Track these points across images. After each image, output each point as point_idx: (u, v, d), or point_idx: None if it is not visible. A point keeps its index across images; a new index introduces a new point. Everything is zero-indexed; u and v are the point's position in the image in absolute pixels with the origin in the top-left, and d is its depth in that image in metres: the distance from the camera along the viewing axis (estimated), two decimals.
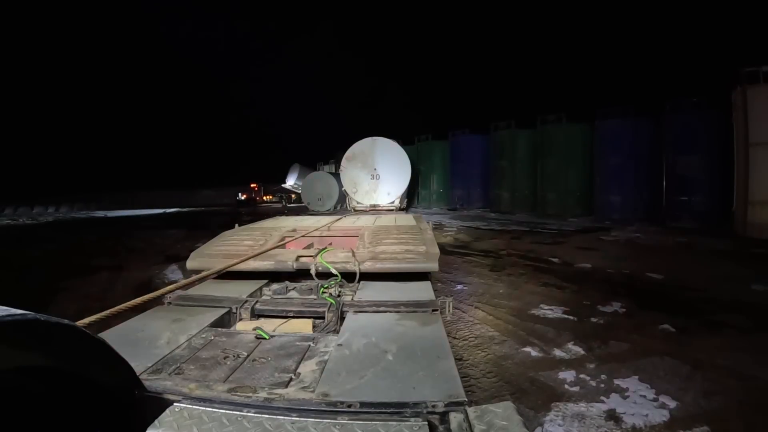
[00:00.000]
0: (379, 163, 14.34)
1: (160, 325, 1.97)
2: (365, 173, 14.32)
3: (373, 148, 14.46)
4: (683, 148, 13.93)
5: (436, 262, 2.70)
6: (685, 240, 10.61)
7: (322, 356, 1.67)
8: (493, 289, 5.98)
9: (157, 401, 1.22)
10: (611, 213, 15.38)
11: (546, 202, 17.40)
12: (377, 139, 14.61)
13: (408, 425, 1.10)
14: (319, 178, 19.76)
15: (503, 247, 9.78)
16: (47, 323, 0.83)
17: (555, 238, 11.15)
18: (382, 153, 14.44)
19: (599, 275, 6.93)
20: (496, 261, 8.12)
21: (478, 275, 6.91)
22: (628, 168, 15.16)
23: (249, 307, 2.28)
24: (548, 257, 8.40)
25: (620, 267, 7.39)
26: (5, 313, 0.75)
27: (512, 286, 6.15)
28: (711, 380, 3.35)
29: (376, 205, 14.06)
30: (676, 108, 14.26)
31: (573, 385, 3.23)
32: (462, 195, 21.24)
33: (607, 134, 15.65)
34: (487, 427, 1.07)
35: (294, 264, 2.71)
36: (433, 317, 2.07)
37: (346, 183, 14.52)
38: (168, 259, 9.06)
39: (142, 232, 15.96)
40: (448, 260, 8.26)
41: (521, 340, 4.05)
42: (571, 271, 7.28)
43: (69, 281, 7.11)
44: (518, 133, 18.85)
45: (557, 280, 6.47)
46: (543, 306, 5.10)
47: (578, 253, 8.89)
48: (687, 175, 13.91)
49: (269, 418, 1.13)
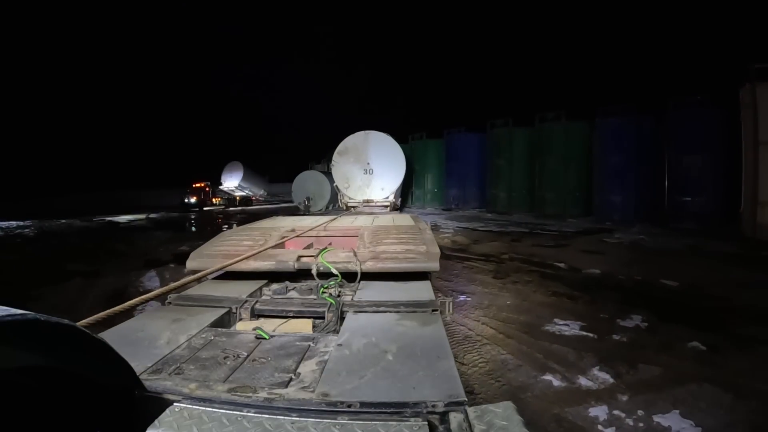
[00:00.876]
0: (373, 157, 13.68)
1: (160, 325, 1.97)
2: (358, 168, 13.66)
3: (366, 142, 13.82)
4: (686, 147, 13.54)
5: (437, 261, 2.67)
6: (691, 242, 10.19)
7: (322, 356, 1.66)
8: (499, 300, 5.45)
9: (157, 401, 1.21)
10: (611, 213, 14.93)
11: (544, 202, 16.92)
12: (370, 132, 13.97)
13: (408, 425, 1.09)
14: (310, 178, 19.17)
15: (504, 250, 9.28)
16: (47, 323, 0.83)
17: (557, 241, 10.67)
18: (376, 147, 13.81)
19: (611, 282, 6.44)
20: (498, 266, 7.61)
21: (481, 283, 6.39)
22: (629, 167, 14.69)
23: (249, 307, 2.28)
24: (553, 262, 7.91)
25: (631, 273, 6.92)
26: (5, 313, 0.75)
27: (520, 296, 5.63)
28: (758, 412, 2.91)
29: (369, 200, 13.50)
30: (679, 106, 13.86)
31: (608, 425, 2.72)
32: (457, 195, 20.67)
33: (608, 132, 15.18)
34: (487, 427, 1.07)
35: (295, 264, 2.68)
36: (433, 317, 2.05)
37: (337, 178, 13.88)
38: None
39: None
40: (447, 266, 7.74)
41: (539, 365, 3.52)
42: (579, 277, 6.79)
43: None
44: (516, 131, 18.30)
45: (567, 289, 5.97)
46: (557, 320, 4.59)
47: (584, 257, 8.41)
48: (690, 175, 13.53)
49: (269, 418, 1.13)
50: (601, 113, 15.54)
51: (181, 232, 16.06)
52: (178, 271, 7.48)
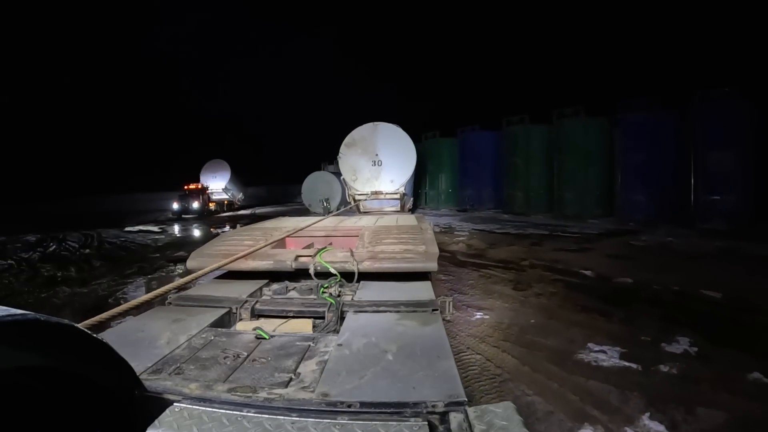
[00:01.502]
0: (381, 149, 13.24)
1: (160, 325, 1.97)
2: (366, 159, 13.22)
3: (374, 134, 13.36)
4: (714, 143, 12.84)
5: (435, 261, 2.65)
6: (723, 244, 9.49)
7: (322, 356, 1.67)
8: (521, 318, 4.86)
9: (157, 401, 1.22)
10: (635, 214, 14.16)
11: (563, 202, 16.16)
12: (379, 124, 13.48)
13: (408, 425, 1.10)
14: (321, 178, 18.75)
15: (524, 255, 8.66)
16: (47, 323, 0.84)
17: (580, 244, 10.01)
18: (385, 139, 13.32)
19: (646, 294, 5.80)
20: (519, 275, 7.00)
21: (500, 296, 5.80)
22: (654, 165, 13.93)
23: (249, 307, 2.28)
24: (578, 269, 7.28)
25: (666, 282, 6.26)
26: (5, 313, 0.75)
27: (545, 313, 5.03)
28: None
29: (378, 192, 13.03)
30: (706, 98, 13.14)
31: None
32: (472, 195, 19.94)
33: (630, 128, 14.42)
34: (487, 427, 1.07)
35: (293, 264, 2.69)
36: (433, 317, 2.04)
37: (344, 170, 13.45)
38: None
39: None
40: (462, 274, 7.17)
41: (575, 411, 2.93)
42: (610, 288, 6.16)
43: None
44: (532, 128, 17.52)
45: (598, 303, 5.36)
46: (592, 346, 3.99)
47: (611, 263, 7.77)
48: (718, 172, 12.83)
49: (269, 418, 1.13)
50: (622, 108, 14.80)
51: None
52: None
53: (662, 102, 14.22)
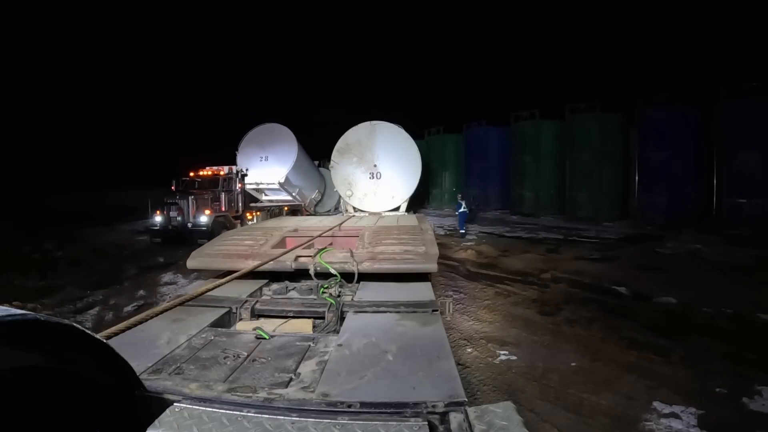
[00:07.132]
0: (380, 157, 10.78)
1: (160, 325, 1.97)
2: (362, 171, 10.82)
3: (372, 137, 10.92)
4: (740, 142, 11.98)
5: (435, 262, 2.67)
6: (757, 253, 8.67)
7: (322, 356, 1.66)
8: (557, 359, 3.91)
9: (157, 401, 1.21)
10: (653, 217, 13.25)
11: (576, 203, 15.19)
12: (377, 124, 11.06)
13: (408, 425, 1.08)
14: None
15: (542, 265, 7.73)
16: (47, 323, 0.82)
17: (601, 251, 9.09)
18: (384, 143, 10.90)
19: (698, 320, 4.91)
20: (542, 293, 6.07)
21: (524, 324, 4.86)
22: (674, 165, 13.01)
23: (249, 307, 2.29)
24: (609, 284, 6.36)
25: (714, 302, 5.37)
26: (5, 313, 0.74)
27: (587, 351, 4.09)
28: None
29: (376, 214, 10.59)
30: (732, 94, 12.25)
31: None
32: (478, 195, 18.85)
33: (650, 125, 13.51)
34: (487, 427, 1.05)
35: (292, 264, 2.70)
36: (433, 317, 2.04)
37: (338, 183, 11.03)
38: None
39: None
40: (475, 292, 6.23)
41: None
42: (653, 311, 5.23)
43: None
44: (543, 124, 16.56)
45: (646, 333, 4.45)
46: (658, 405, 3.06)
47: (644, 276, 6.85)
48: (745, 174, 11.98)
49: (269, 418, 1.12)
50: (641, 103, 13.88)
51: None
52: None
53: (683, 97, 13.28)
